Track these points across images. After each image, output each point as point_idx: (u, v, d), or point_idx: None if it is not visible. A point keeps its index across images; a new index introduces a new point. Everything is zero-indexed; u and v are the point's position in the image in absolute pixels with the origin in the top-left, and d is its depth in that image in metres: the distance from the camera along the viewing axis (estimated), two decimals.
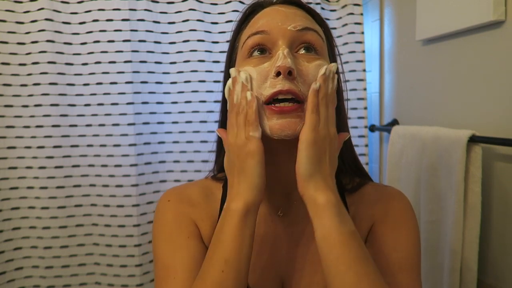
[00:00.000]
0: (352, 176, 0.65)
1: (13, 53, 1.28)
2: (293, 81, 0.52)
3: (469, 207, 0.89)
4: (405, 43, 1.27)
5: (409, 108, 1.26)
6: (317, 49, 0.56)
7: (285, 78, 0.51)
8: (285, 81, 0.51)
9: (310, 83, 0.52)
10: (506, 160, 0.87)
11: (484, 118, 0.93)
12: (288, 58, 0.51)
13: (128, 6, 1.30)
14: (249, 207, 0.51)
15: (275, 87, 0.52)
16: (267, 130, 0.53)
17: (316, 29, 0.57)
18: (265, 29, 0.55)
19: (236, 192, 0.52)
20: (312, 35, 0.55)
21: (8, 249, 1.31)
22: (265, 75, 0.53)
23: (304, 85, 0.53)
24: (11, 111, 1.29)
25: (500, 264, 0.88)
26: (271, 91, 0.52)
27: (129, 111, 1.32)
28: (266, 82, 0.53)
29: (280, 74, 0.51)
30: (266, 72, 0.53)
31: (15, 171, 1.31)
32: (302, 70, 0.53)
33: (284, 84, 0.51)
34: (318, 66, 0.54)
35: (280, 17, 0.55)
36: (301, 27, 0.55)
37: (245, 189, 0.51)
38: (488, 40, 0.91)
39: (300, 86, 0.52)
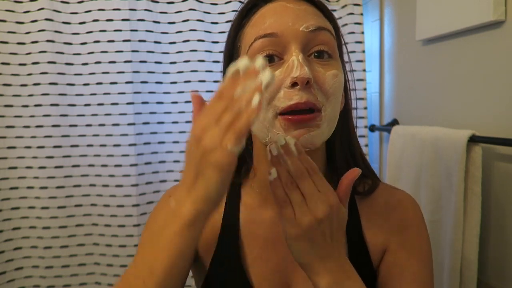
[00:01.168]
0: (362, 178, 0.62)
1: (13, 53, 1.28)
2: (310, 89, 0.48)
3: (469, 207, 0.88)
4: (405, 43, 1.27)
5: (409, 108, 1.26)
6: (330, 51, 0.52)
7: (302, 88, 0.47)
8: (302, 92, 0.47)
9: (326, 92, 0.49)
10: (506, 160, 0.87)
11: (484, 118, 0.93)
12: (305, 67, 0.47)
13: (128, 6, 1.30)
14: (198, 218, 0.41)
15: (291, 99, 0.47)
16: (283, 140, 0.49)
17: (329, 27, 0.53)
18: (274, 31, 0.49)
19: (188, 195, 0.41)
20: (325, 35, 0.51)
21: (8, 249, 1.31)
22: (277, 84, 0.48)
23: (320, 93, 0.49)
24: (11, 111, 1.29)
25: (500, 264, 0.88)
26: (288, 103, 0.48)
27: (129, 111, 1.32)
28: (280, 92, 0.48)
29: (297, 85, 0.47)
30: (278, 81, 0.48)
31: (15, 171, 1.31)
32: (319, 77, 0.49)
33: (302, 96, 0.47)
34: (334, 76, 0.50)
35: (290, 16, 0.50)
36: (314, 27, 0.50)
37: (200, 197, 0.41)
38: (488, 40, 0.91)
39: (317, 93, 0.49)
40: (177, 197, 0.43)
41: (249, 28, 0.53)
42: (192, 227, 0.42)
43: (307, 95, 0.48)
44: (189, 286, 1.38)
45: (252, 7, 0.55)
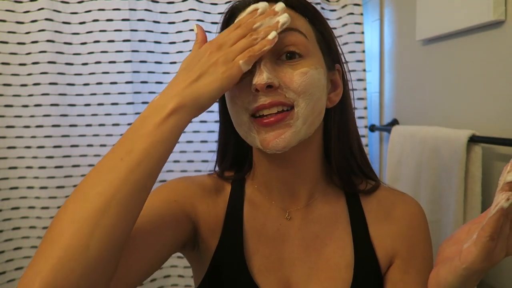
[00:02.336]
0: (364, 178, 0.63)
1: (13, 53, 1.28)
2: (276, 91, 0.49)
3: (469, 207, 0.88)
4: (405, 43, 1.27)
5: (409, 108, 1.26)
6: (299, 50, 0.52)
7: (265, 93, 0.49)
8: (266, 95, 0.49)
9: (296, 90, 0.50)
10: (506, 160, 0.87)
11: (484, 118, 0.93)
12: (264, 72, 0.48)
13: (128, 6, 1.30)
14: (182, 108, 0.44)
15: (257, 101, 0.50)
16: (258, 144, 0.51)
17: (297, 26, 0.53)
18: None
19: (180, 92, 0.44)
20: (292, 36, 0.51)
21: (8, 249, 1.31)
22: (247, 90, 0.50)
23: (290, 91, 0.50)
24: (11, 111, 1.29)
25: (500, 264, 0.88)
26: (254, 105, 0.50)
27: (129, 111, 1.32)
28: (249, 96, 0.50)
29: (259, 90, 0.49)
30: (247, 87, 0.50)
31: (15, 171, 1.31)
32: (286, 77, 0.50)
33: (266, 98, 0.49)
34: (303, 74, 0.50)
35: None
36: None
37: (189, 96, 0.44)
38: (488, 40, 0.91)
39: (286, 92, 0.50)
40: (164, 93, 0.45)
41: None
42: (174, 115, 0.43)
43: (271, 97, 0.49)
44: (190, 286, 1.38)
45: (230, 18, 0.57)
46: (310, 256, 0.58)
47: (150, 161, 0.42)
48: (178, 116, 0.44)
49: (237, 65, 0.46)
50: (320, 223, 0.59)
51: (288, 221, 0.60)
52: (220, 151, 0.65)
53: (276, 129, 0.50)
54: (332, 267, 0.56)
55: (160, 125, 0.43)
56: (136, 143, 0.42)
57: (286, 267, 0.58)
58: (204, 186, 0.61)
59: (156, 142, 0.42)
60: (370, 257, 0.57)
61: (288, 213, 0.60)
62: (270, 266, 0.57)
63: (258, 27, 0.48)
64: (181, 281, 1.39)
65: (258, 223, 0.60)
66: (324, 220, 0.60)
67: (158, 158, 0.43)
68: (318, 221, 0.60)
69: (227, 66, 0.45)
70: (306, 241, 0.59)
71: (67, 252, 0.37)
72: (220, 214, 0.60)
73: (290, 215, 0.60)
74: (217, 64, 0.46)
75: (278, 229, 0.59)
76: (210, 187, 0.62)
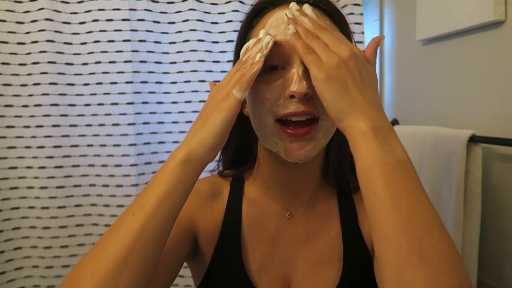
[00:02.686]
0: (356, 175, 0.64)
1: (13, 53, 1.28)
2: (308, 100, 0.49)
3: (469, 207, 0.89)
4: (405, 43, 1.27)
5: (409, 108, 1.26)
6: None
7: (300, 101, 0.49)
8: (299, 103, 0.49)
9: None
10: (506, 160, 0.87)
11: (484, 118, 0.93)
12: (304, 81, 0.48)
13: (128, 6, 1.30)
14: (190, 159, 0.45)
15: (288, 108, 0.49)
16: (280, 151, 0.52)
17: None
18: (279, 40, 0.51)
19: (187, 140, 0.47)
20: None
21: (8, 249, 1.31)
22: (278, 93, 0.50)
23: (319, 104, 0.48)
24: (11, 111, 1.29)
25: (500, 264, 0.88)
26: (284, 111, 0.49)
27: (129, 111, 1.32)
28: (279, 100, 0.50)
29: (295, 97, 0.49)
30: (278, 91, 0.50)
31: (15, 171, 1.31)
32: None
33: (299, 106, 0.49)
34: None
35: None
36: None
37: (196, 141, 0.45)
38: (488, 40, 0.91)
39: (317, 104, 0.49)
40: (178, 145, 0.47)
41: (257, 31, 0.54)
42: (183, 165, 0.44)
43: (304, 106, 0.49)
44: (190, 286, 1.38)
45: (261, 10, 0.56)
46: (306, 251, 0.59)
47: (163, 212, 0.43)
48: (184, 166, 0.44)
49: (231, 96, 0.46)
50: (315, 220, 0.61)
51: (286, 219, 0.61)
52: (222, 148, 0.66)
53: (302, 141, 0.50)
54: (326, 259, 0.58)
55: (167, 177, 0.44)
56: (147, 198, 0.43)
57: (284, 264, 0.59)
58: (199, 193, 0.62)
59: (163, 197, 0.43)
60: (360, 248, 0.58)
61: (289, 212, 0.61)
62: (268, 263, 0.58)
63: (247, 58, 0.50)
64: (181, 281, 1.39)
65: (256, 221, 0.61)
66: (320, 218, 0.61)
67: (167, 212, 0.44)
68: (314, 218, 0.61)
69: (223, 100, 0.47)
70: (303, 238, 0.60)
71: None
72: (219, 217, 0.61)
73: (290, 214, 0.61)
74: (215, 103, 0.47)
75: (277, 227, 0.60)
76: (206, 194, 0.62)
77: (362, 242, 0.59)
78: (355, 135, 0.42)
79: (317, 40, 0.47)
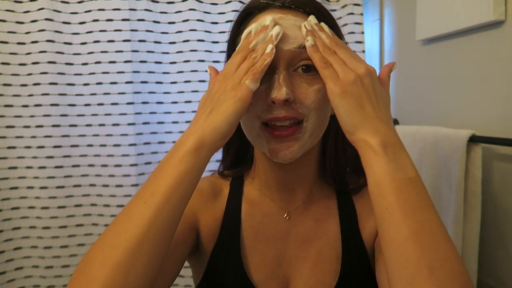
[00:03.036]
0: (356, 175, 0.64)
1: (13, 53, 1.28)
2: (290, 105, 0.50)
3: (469, 207, 0.89)
4: (405, 43, 1.27)
5: (409, 108, 1.26)
6: None
7: (281, 106, 0.50)
8: (281, 108, 0.50)
9: (308, 106, 0.51)
10: (506, 160, 0.87)
11: (484, 118, 0.93)
12: (283, 87, 0.49)
13: (128, 6, 1.30)
14: (202, 146, 0.45)
15: (271, 113, 0.50)
16: (266, 152, 0.53)
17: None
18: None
19: (197, 127, 0.46)
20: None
21: (8, 249, 1.31)
22: (262, 99, 0.51)
23: (303, 106, 0.51)
24: (11, 111, 1.29)
25: (500, 264, 0.88)
26: (268, 116, 0.51)
27: (129, 111, 1.32)
28: (264, 105, 0.51)
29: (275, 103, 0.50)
30: (263, 96, 0.51)
31: (15, 171, 1.31)
32: (301, 93, 0.51)
33: (281, 111, 0.50)
34: (317, 91, 0.51)
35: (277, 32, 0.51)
36: (299, 44, 0.51)
37: (208, 128, 0.45)
38: (488, 40, 0.91)
39: (299, 107, 0.51)
40: (185, 132, 0.47)
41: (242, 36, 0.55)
42: (195, 153, 0.44)
43: (286, 111, 0.50)
44: (190, 286, 1.38)
45: (247, 15, 0.57)
46: (305, 251, 0.59)
47: (174, 200, 0.43)
48: (196, 153, 0.44)
49: (244, 86, 0.47)
50: (314, 220, 0.61)
51: (285, 219, 0.61)
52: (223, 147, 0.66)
53: (286, 142, 0.51)
54: (325, 259, 0.58)
55: (178, 165, 0.44)
56: (159, 185, 0.43)
57: (283, 264, 0.59)
58: (202, 191, 0.62)
59: (175, 184, 0.43)
60: (359, 249, 0.58)
61: (287, 213, 0.61)
62: (267, 263, 0.59)
63: (254, 45, 0.50)
64: (181, 281, 1.39)
65: (256, 221, 0.61)
66: (319, 217, 0.61)
67: (179, 199, 0.43)
68: (313, 218, 0.61)
69: (235, 90, 0.47)
70: (301, 238, 0.60)
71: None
72: (219, 215, 0.62)
73: (288, 215, 0.61)
74: (226, 91, 0.47)
75: (276, 227, 0.61)
76: (207, 191, 0.63)
77: (361, 243, 0.59)
78: (366, 150, 0.43)
79: (334, 55, 0.48)
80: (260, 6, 0.55)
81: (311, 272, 0.58)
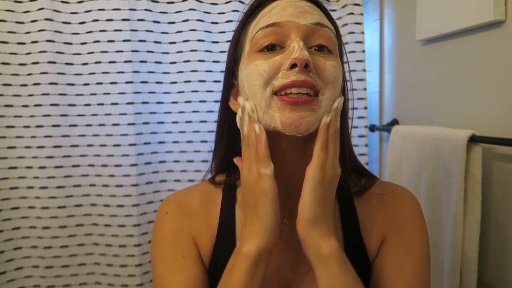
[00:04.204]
0: (357, 177, 0.63)
1: (13, 53, 1.28)
2: (308, 73, 0.49)
3: (469, 207, 0.88)
4: (405, 43, 1.27)
5: (409, 108, 1.26)
6: (331, 47, 0.53)
7: (301, 70, 0.48)
8: (300, 73, 0.48)
9: (326, 79, 0.50)
10: (506, 160, 0.87)
11: (484, 118, 0.93)
12: (305, 51, 0.48)
13: (128, 6, 1.30)
14: (261, 252, 0.48)
15: (288, 78, 0.48)
16: (278, 124, 0.50)
17: (330, 26, 0.54)
18: (277, 21, 0.51)
19: (249, 233, 0.49)
20: (326, 32, 0.52)
21: (8, 249, 1.31)
22: (277, 67, 0.49)
23: (320, 79, 0.50)
24: (11, 111, 1.29)
25: (500, 264, 0.88)
26: (283, 81, 0.49)
27: (129, 111, 1.32)
28: (278, 73, 0.49)
29: (296, 67, 0.48)
30: (278, 64, 0.50)
31: (15, 171, 1.31)
32: (319, 64, 0.50)
33: (300, 76, 0.48)
34: (334, 66, 0.51)
35: (292, 10, 0.52)
36: (316, 21, 0.52)
37: (258, 231, 0.49)
38: (488, 40, 0.91)
39: (316, 78, 0.49)
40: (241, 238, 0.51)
41: (253, 22, 0.55)
42: (258, 263, 0.48)
43: (305, 76, 0.49)
44: None
45: (259, 5, 0.56)
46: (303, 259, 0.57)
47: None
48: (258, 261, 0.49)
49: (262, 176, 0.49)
50: None
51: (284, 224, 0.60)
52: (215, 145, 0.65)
53: (302, 111, 0.49)
54: None
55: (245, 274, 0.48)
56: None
57: (281, 270, 0.58)
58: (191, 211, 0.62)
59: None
60: (359, 251, 0.58)
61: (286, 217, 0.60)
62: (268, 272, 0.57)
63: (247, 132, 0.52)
64: None
65: None
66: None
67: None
68: None
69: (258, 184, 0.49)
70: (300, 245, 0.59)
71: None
72: (214, 223, 0.61)
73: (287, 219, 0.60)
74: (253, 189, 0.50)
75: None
76: (198, 207, 0.62)
77: (362, 247, 0.58)
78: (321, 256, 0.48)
79: (333, 145, 0.51)
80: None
81: (311, 280, 0.57)
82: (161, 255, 0.59)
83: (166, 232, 0.60)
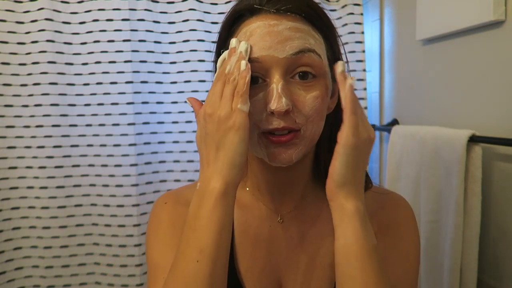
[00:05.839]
0: None
1: (13, 53, 1.28)
2: (288, 115, 0.50)
3: (469, 207, 0.88)
4: (405, 43, 1.27)
5: (409, 108, 1.26)
6: (314, 71, 0.52)
7: (281, 117, 0.50)
8: (280, 119, 0.50)
9: (306, 114, 0.51)
10: (506, 160, 0.87)
11: (484, 118, 0.93)
12: (283, 98, 0.48)
13: (128, 6, 1.30)
14: (228, 187, 0.47)
15: (271, 124, 0.50)
16: (265, 157, 0.53)
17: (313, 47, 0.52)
18: (256, 57, 0.50)
19: (213, 169, 0.47)
20: (308, 58, 0.51)
21: (8, 249, 1.31)
22: (260, 108, 0.50)
23: (301, 115, 0.51)
24: (11, 111, 1.29)
25: (500, 264, 0.88)
26: (267, 126, 0.50)
27: (129, 111, 1.32)
28: (262, 115, 0.51)
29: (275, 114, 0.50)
30: (261, 105, 0.50)
31: (15, 171, 1.31)
32: (299, 101, 0.51)
33: (280, 122, 0.50)
34: (315, 98, 0.51)
35: (271, 40, 0.50)
36: (296, 50, 0.50)
37: (224, 167, 0.47)
38: (488, 40, 0.91)
39: (297, 116, 0.50)
40: (202, 177, 0.48)
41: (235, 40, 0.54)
42: (224, 197, 0.46)
43: (285, 121, 0.50)
44: None
45: (239, 17, 0.54)
46: (298, 256, 0.59)
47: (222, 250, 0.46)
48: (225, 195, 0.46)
49: (238, 112, 0.47)
50: (308, 224, 0.60)
51: (278, 223, 0.60)
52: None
53: (285, 147, 0.51)
54: (318, 266, 0.58)
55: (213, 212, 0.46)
56: (202, 239, 0.45)
57: (276, 269, 0.59)
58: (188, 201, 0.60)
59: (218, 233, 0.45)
60: None
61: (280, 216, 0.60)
62: (260, 267, 0.58)
63: (229, 69, 0.50)
64: None
65: (248, 225, 0.60)
66: (312, 221, 0.60)
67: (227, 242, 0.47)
68: (307, 222, 0.60)
69: (231, 118, 0.47)
70: (295, 242, 0.59)
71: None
72: None
73: (281, 218, 0.60)
74: (221, 123, 0.47)
75: (269, 230, 0.60)
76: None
77: None
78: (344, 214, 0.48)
79: (360, 109, 0.50)
80: (252, 9, 0.52)
81: (304, 279, 0.57)
82: (158, 238, 0.58)
83: (164, 218, 0.60)
